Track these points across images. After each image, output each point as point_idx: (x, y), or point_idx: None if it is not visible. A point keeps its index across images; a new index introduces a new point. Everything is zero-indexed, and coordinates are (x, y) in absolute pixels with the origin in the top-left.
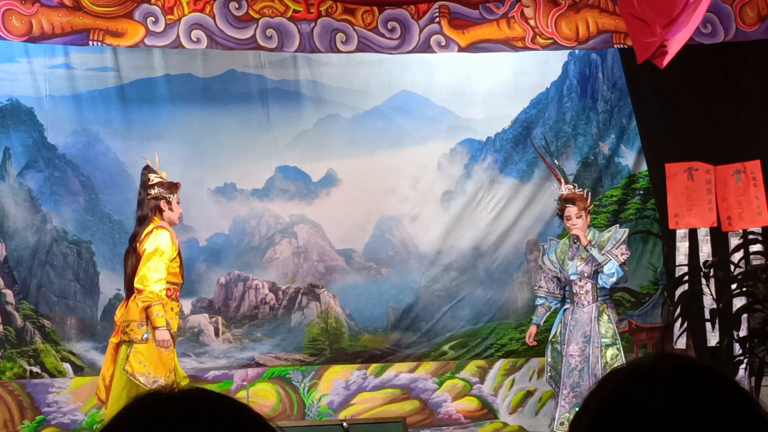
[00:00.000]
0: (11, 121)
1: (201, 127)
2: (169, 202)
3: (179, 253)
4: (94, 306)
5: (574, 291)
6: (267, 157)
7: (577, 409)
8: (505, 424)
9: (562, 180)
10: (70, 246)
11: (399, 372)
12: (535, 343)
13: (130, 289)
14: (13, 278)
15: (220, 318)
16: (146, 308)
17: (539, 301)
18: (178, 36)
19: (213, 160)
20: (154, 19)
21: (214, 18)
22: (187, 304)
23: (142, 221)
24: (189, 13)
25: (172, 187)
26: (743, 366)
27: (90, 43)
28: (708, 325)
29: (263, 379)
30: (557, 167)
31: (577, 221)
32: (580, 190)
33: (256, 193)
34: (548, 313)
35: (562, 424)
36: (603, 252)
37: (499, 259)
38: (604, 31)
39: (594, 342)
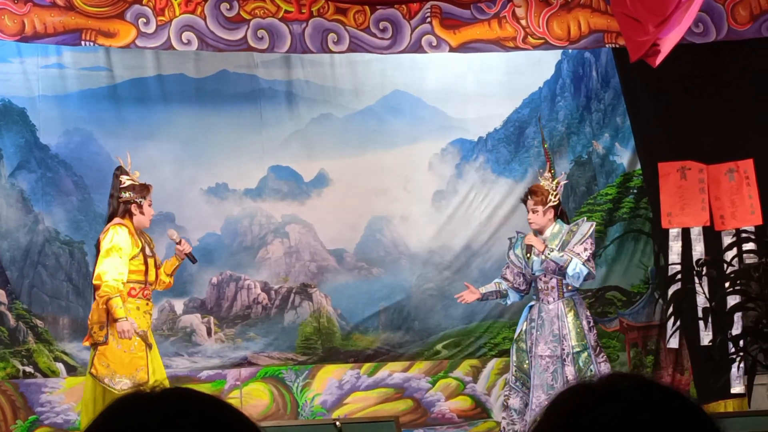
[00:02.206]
0: (3, 121)
1: (193, 127)
2: (140, 206)
3: (143, 251)
4: (86, 306)
5: (540, 287)
6: (259, 157)
7: None
8: (499, 423)
9: (548, 168)
10: (62, 246)
11: (392, 371)
12: (463, 300)
13: (95, 290)
14: (5, 278)
15: (212, 318)
16: (106, 302)
17: (497, 280)
18: (169, 38)
19: (205, 160)
20: (145, 20)
21: (205, 19)
22: (179, 304)
23: (108, 223)
24: (180, 14)
25: (144, 190)
26: (736, 364)
27: (82, 43)
28: (701, 323)
29: (256, 378)
30: (552, 158)
31: (533, 216)
32: (555, 184)
33: (249, 193)
34: (496, 294)
35: None
36: (566, 250)
37: (492, 258)
38: (596, 30)
39: (564, 343)
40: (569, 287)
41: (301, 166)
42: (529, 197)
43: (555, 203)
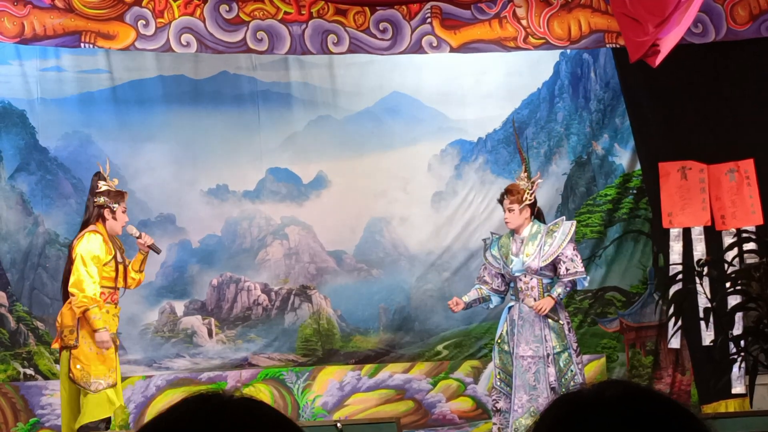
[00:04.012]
0: (3, 123)
1: (193, 129)
2: (113, 212)
3: (115, 257)
4: None
5: (519, 287)
6: (258, 159)
7: (532, 412)
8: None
9: (523, 168)
10: (62, 249)
11: (393, 373)
12: (456, 310)
13: (65, 294)
14: (6, 280)
15: (213, 319)
16: (84, 312)
17: (477, 285)
18: (168, 40)
19: (205, 161)
20: (144, 23)
21: (204, 21)
22: (179, 306)
23: (84, 227)
24: (179, 16)
25: (119, 196)
26: (737, 364)
27: (82, 45)
28: (702, 323)
29: (257, 380)
30: (527, 158)
31: (509, 215)
32: (531, 183)
33: (248, 194)
34: (479, 300)
35: (516, 430)
36: (565, 272)
37: None
38: (596, 30)
39: (546, 343)
40: (548, 287)
41: (299, 168)
42: (504, 197)
43: (530, 202)
